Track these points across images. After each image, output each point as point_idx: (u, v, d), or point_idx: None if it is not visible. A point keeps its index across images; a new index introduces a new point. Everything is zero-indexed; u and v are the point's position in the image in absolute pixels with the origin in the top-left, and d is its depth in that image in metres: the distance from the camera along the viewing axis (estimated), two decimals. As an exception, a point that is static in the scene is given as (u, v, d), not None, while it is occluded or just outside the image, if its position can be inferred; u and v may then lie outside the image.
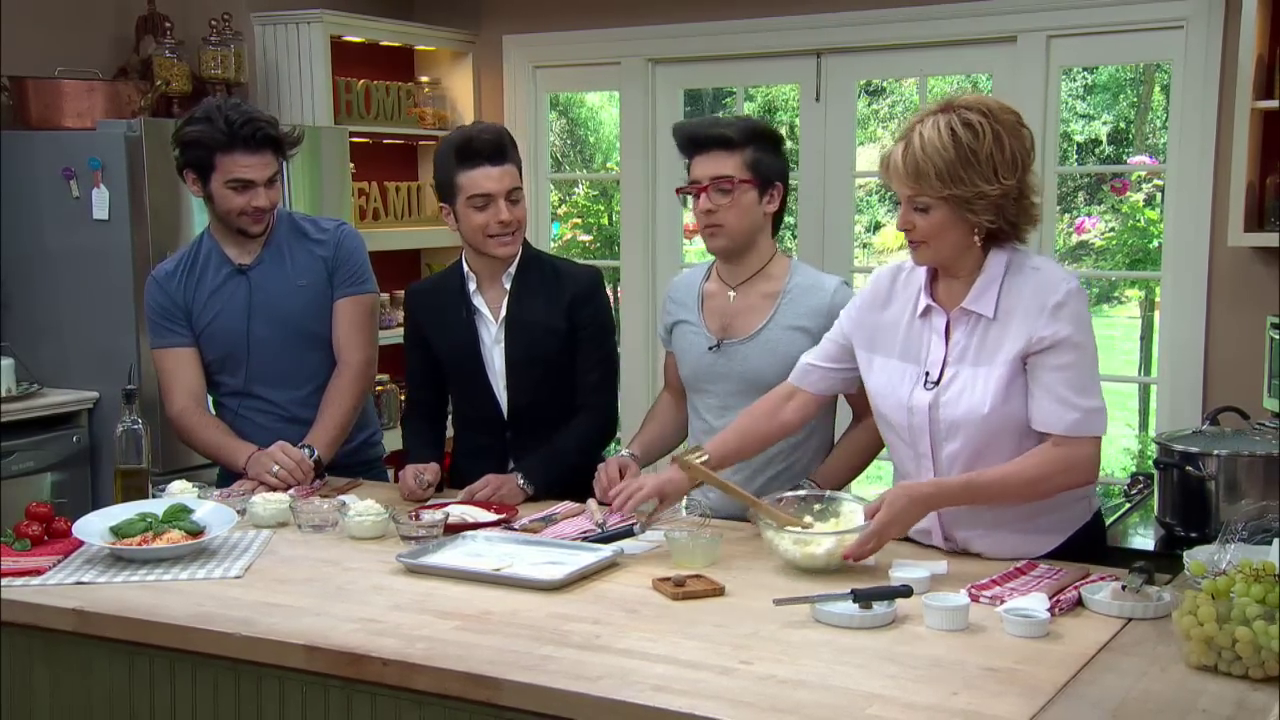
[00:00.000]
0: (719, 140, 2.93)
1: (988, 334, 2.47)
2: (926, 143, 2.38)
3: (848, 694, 1.88)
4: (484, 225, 3.07)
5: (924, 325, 2.55)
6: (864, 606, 2.18)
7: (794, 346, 2.90)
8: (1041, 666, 1.98)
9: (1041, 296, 2.42)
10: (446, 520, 2.75)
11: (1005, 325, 2.45)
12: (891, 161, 2.44)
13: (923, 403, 2.51)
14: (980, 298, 2.46)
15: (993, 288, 2.46)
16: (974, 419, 2.46)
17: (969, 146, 2.37)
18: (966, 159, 2.37)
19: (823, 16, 5.00)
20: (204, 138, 3.15)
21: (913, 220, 2.44)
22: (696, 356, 3.03)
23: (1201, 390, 4.45)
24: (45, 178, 4.44)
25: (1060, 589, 2.28)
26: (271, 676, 2.17)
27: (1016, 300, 2.44)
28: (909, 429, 2.54)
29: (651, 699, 1.87)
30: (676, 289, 3.16)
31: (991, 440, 2.47)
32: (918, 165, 2.38)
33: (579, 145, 11.00)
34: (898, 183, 2.44)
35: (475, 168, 3.06)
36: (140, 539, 2.61)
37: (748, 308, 3.00)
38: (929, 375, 2.51)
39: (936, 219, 2.42)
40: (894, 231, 13.37)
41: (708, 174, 2.93)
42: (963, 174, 2.37)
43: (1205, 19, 4.39)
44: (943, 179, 2.37)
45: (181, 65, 4.86)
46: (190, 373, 3.28)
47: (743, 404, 2.93)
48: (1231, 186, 4.15)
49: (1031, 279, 2.45)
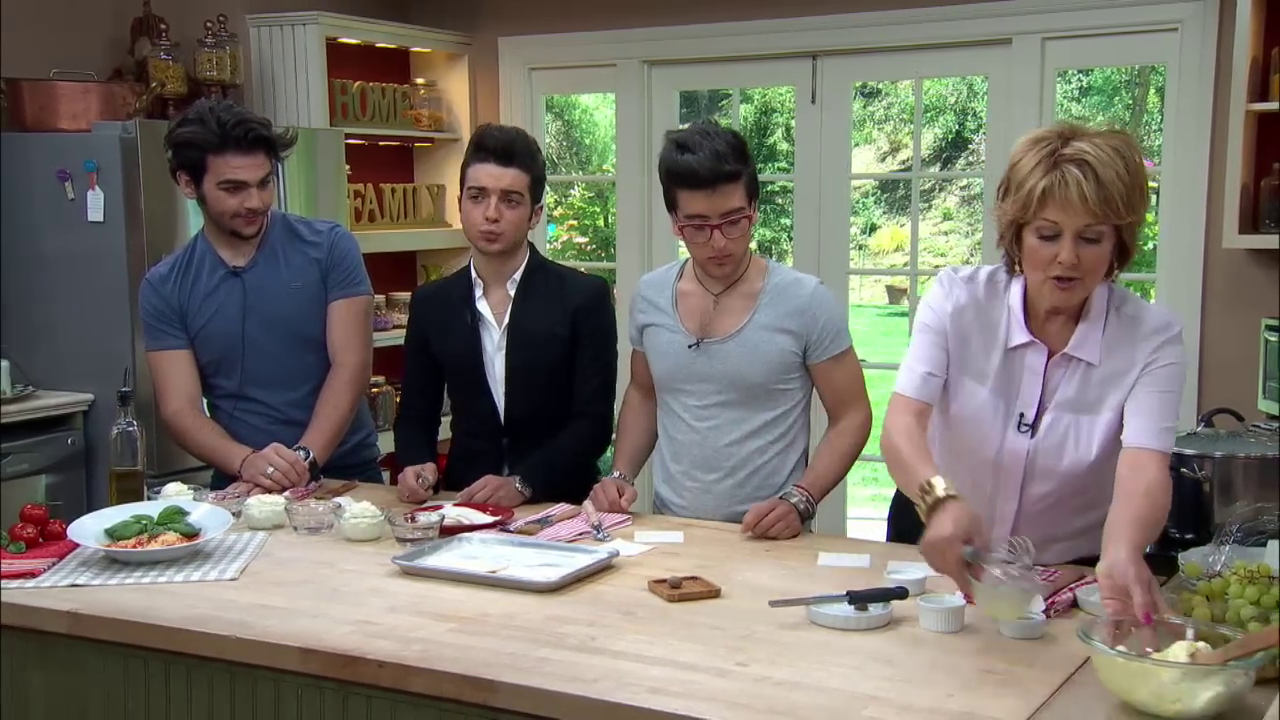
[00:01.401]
0: (728, 176, 2.83)
1: (1090, 379, 2.40)
2: (1109, 171, 2.22)
3: (844, 695, 1.88)
4: (475, 220, 3.09)
5: (1018, 360, 2.45)
6: (859, 608, 2.18)
7: (773, 346, 2.92)
8: (1037, 668, 1.99)
9: (1147, 337, 2.37)
10: (442, 522, 2.75)
11: (1110, 370, 2.38)
12: (1065, 189, 2.23)
13: (1019, 448, 2.45)
14: (1084, 343, 2.39)
15: (1095, 332, 2.38)
16: (1077, 470, 2.43)
17: (1138, 176, 2.26)
18: (1138, 189, 2.26)
19: (818, 19, 5.01)
20: (196, 139, 3.15)
21: (1079, 253, 2.27)
22: (675, 356, 3.01)
23: (1196, 392, 4.46)
24: (40, 180, 4.44)
25: (1056, 591, 2.29)
26: (267, 679, 2.17)
27: (1123, 347, 2.38)
28: (995, 468, 2.49)
29: (647, 701, 1.87)
30: (647, 288, 3.12)
31: (1084, 484, 2.46)
32: (1105, 194, 2.22)
33: (575, 147, 11.02)
34: (1070, 214, 2.24)
35: (482, 162, 3.09)
36: (135, 541, 2.61)
37: (727, 309, 2.98)
38: (1023, 418, 2.45)
39: (1106, 250, 2.29)
40: (890, 234, 13.41)
41: (718, 210, 2.84)
42: (1138, 201, 2.27)
43: (1200, 21, 4.40)
44: (1126, 205, 2.24)
45: (177, 67, 4.87)
46: (185, 375, 3.28)
47: (725, 404, 2.95)
48: (1226, 188, 4.17)
49: (1132, 323, 2.39)
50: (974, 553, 2.15)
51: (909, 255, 5.86)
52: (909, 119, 10.79)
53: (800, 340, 2.94)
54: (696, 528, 2.85)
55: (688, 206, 2.86)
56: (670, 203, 2.92)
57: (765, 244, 10.45)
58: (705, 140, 2.83)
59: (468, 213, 3.11)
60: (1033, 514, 2.51)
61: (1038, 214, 2.27)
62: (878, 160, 12.06)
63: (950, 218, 12.20)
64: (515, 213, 3.09)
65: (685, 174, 2.84)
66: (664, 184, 2.92)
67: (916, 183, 5.68)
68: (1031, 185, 2.26)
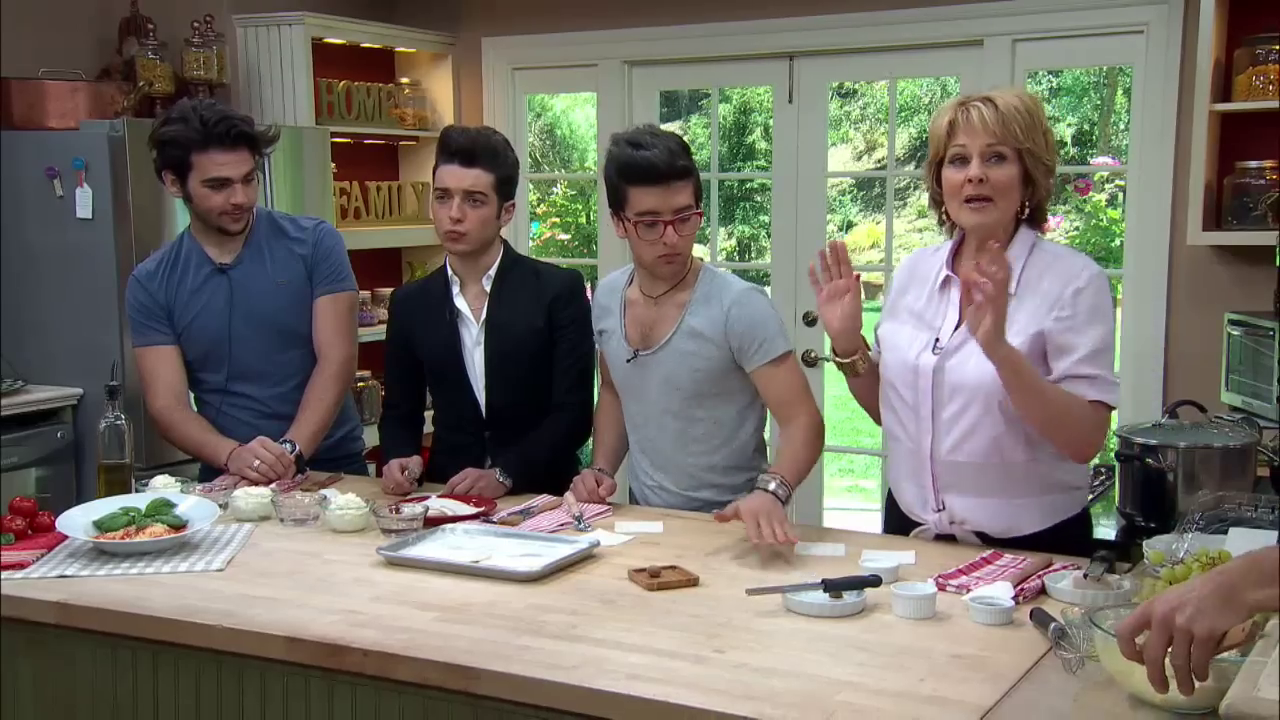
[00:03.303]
0: (682, 171, 2.86)
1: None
2: (1006, 102, 2.54)
3: (818, 681, 1.91)
4: (441, 220, 3.12)
5: (942, 297, 2.65)
6: (834, 596, 2.22)
7: (699, 354, 2.93)
8: (1006, 653, 2.02)
9: (1064, 280, 2.52)
10: (426, 513, 2.78)
11: (1022, 301, 2.52)
12: (968, 117, 2.54)
13: (928, 365, 2.58)
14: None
15: (1015, 265, 2.53)
16: (981, 382, 2.50)
17: (1036, 114, 2.55)
18: (1037, 123, 2.54)
19: (795, 20, 5.04)
20: (179, 137, 3.17)
21: (986, 173, 2.53)
22: (619, 366, 3.06)
23: (1161, 384, 4.52)
24: (29, 177, 4.45)
25: (1024, 578, 2.33)
26: (253, 667, 2.20)
27: (1038, 280, 2.54)
28: (914, 390, 2.61)
29: (627, 687, 1.90)
30: (602, 293, 3.15)
31: (992, 406, 2.53)
32: (1003, 116, 2.51)
33: (557, 145, 11.03)
34: (973, 136, 2.53)
35: (446, 163, 3.12)
36: (123, 533, 2.63)
37: (663, 316, 3.00)
38: (938, 341, 2.60)
39: (1011, 172, 2.53)
40: (866, 231, 13.41)
41: (670, 206, 2.85)
42: (1036, 134, 2.53)
43: (1165, 24, 4.45)
44: (1024, 130, 2.51)
45: (164, 66, 4.88)
46: (172, 370, 3.31)
47: (665, 412, 2.97)
48: (1190, 186, 4.21)
49: (1054, 263, 2.56)
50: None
51: (884, 252, 5.91)
52: (884, 118, 10.82)
53: (723, 349, 2.93)
54: (675, 518, 2.89)
55: (640, 203, 2.86)
56: (618, 203, 2.91)
57: (744, 241, 10.48)
58: (656, 139, 2.87)
59: (435, 213, 3.15)
60: (953, 445, 2.58)
61: (948, 146, 2.57)
62: (854, 159, 12.08)
63: (924, 215, 12.21)
64: (479, 212, 3.11)
65: (643, 168, 2.84)
66: (612, 184, 2.92)
67: (891, 181, 5.72)
68: (941, 123, 2.59)
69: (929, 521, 2.67)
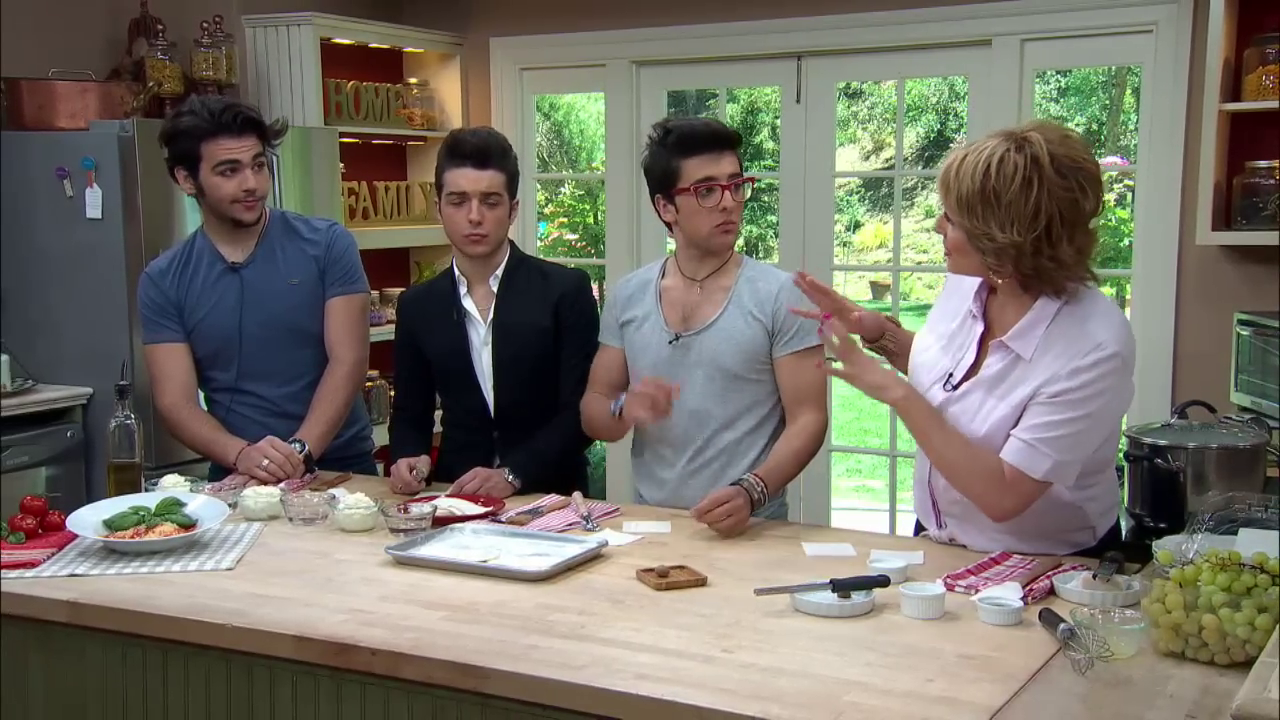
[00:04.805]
0: (733, 140, 2.97)
1: (1013, 371, 2.44)
2: (964, 165, 2.36)
3: (827, 681, 1.91)
4: (459, 225, 3.13)
5: (971, 327, 2.56)
6: (842, 596, 2.22)
7: (747, 333, 2.96)
8: (1015, 654, 2.01)
9: (1070, 354, 2.37)
10: (434, 513, 2.78)
11: (1034, 366, 2.41)
12: (943, 166, 2.43)
13: (937, 400, 2.54)
14: (1022, 338, 2.43)
15: (1036, 330, 2.42)
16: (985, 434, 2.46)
17: (994, 188, 2.32)
18: (988, 198, 2.33)
19: (803, 20, 5.05)
20: (188, 128, 3.19)
21: (945, 227, 2.45)
22: (656, 349, 3.06)
23: (1171, 384, 4.52)
24: (39, 177, 4.47)
25: (1033, 578, 2.33)
26: (262, 666, 2.20)
27: (1050, 347, 2.40)
28: None
29: (635, 687, 1.90)
30: (628, 287, 3.17)
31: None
32: (948, 182, 2.39)
33: (564, 145, 11.04)
34: (939, 187, 2.44)
35: (458, 167, 3.13)
36: (133, 532, 2.64)
37: (706, 299, 3.03)
38: (951, 377, 2.54)
39: (957, 237, 2.42)
40: (874, 231, 13.38)
41: (726, 172, 2.94)
42: (979, 210, 2.34)
43: (1174, 23, 4.45)
44: (960, 206, 2.37)
45: (173, 66, 4.89)
46: (181, 368, 3.31)
47: (707, 393, 2.98)
48: (1200, 186, 4.20)
49: (1072, 330, 2.40)
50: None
51: (892, 252, 5.91)
52: (892, 118, 10.81)
53: (765, 330, 2.97)
54: (683, 518, 2.87)
55: (698, 171, 2.93)
56: (668, 182, 2.96)
57: (751, 240, 10.48)
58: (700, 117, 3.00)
59: (450, 217, 3.15)
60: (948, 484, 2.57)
61: None
62: (861, 159, 12.09)
63: (932, 215, 12.24)
64: (495, 213, 3.14)
65: (703, 135, 2.94)
66: (661, 165, 2.97)
67: (899, 181, 5.72)
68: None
69: (933, 534, 2.68)
